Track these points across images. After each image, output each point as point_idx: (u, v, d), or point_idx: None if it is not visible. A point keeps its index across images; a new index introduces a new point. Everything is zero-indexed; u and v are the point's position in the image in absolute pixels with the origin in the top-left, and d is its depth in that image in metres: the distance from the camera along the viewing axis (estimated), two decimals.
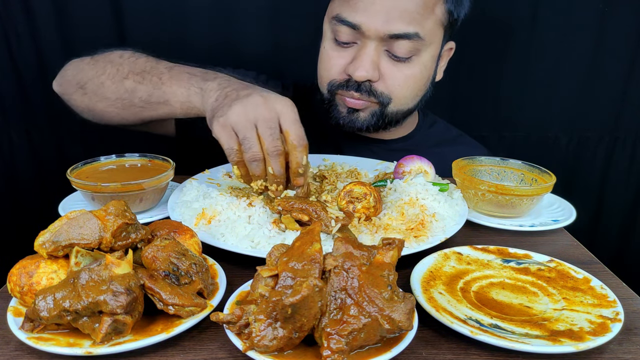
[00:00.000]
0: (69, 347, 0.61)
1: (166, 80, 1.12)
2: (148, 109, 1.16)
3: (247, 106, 0.93)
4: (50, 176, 1.78)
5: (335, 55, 1.26)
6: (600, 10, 1.73)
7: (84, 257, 0.66)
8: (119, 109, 1.20)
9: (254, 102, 0.93)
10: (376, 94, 1.25)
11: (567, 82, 1.83)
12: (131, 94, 1.16)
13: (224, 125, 0.94)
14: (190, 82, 1.09)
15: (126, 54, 1.22)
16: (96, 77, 1.20)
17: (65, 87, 1.27)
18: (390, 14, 1.16)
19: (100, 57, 1.24)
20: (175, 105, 1.11)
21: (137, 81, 1.15)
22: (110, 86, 1.18)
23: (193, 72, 1.11)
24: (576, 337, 0.66)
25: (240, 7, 1.67)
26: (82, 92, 1.22)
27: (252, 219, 0.92)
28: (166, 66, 1.15)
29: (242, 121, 0.92)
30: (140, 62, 1.18)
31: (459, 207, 1.01)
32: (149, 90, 1.13)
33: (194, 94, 1.07)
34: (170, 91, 1.10)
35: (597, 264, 0.92)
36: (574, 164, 1.96)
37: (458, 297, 0.75)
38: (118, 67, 1.19)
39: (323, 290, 0.58)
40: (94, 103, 1.22)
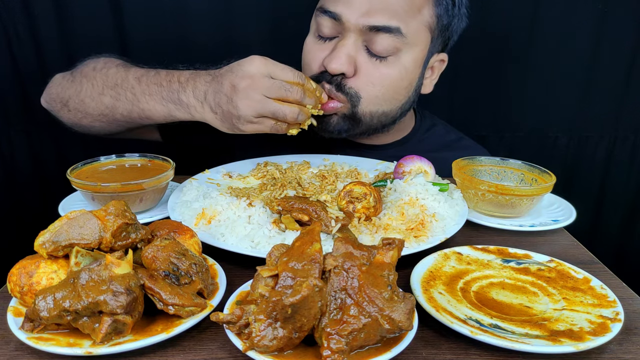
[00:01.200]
0: (69, 347, 0.61)
1: (139, 95, 1.14)
2: (132, 122, 1.20)
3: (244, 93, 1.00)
4: (50, 176, 1.78)
5: (316, 48, 1.23)
6: (600, 10, 1.73)
7: (84, 257, 0.66)
8: (104, 124, 1.24)
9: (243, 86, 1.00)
10: (345, 90, 1.18)
11: (567, 82, 1.83)
12: (112, 111, 1.18)
13: (250, 121, 1.02)
14: (162, 97, 1.11)
15: (99, 64, 1.23)
16: (75, 95, 1.22)
17: (51, 104, 1.29)
18: (373, 6, 1.14)
19: (77, 72, 1.25)
20: (158, 118, 1.15)
21: (113, 97, 1.17)
22: (90, 103, 1.20)
23: (159, 82, 1.12)
24: (576, 337, 0.66)
25: (240, 6, 1.67)
26: (67, 109, 1.25)
27: (252, 219, 0.92)
28: (135, 76, 1.16)
29: (256, 105, 1.00)
30: (111, 73, 1.19)
31: (459, 207, 1.01)
32: (127, 107, 1.16)
33: (174, 110, 1.11)
34: (148, 107, 1.13)
35: (597, 264, 0.92)
36: (574, 164, 1.96)
37: (458, 297, 0.75)
38: (92, 81, 1.20)
39: (323, 290, 0.58)
40: (79, 119, 1.25)
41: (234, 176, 1.18)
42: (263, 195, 1.05)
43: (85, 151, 1.64)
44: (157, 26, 1.66)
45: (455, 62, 1.76)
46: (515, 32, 1.77)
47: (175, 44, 1.68)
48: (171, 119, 1.13)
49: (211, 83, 1.05)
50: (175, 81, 1.11)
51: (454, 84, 1.83)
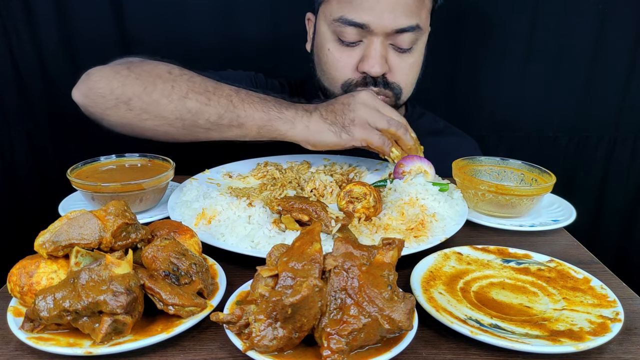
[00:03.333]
0: (69, 347, 0.61)
1: (238, 102, 1.10)
2: (214, 130, 1.12)
3: (365, 102, 1.10)
4: (50, 176, 1.78)
5: (344, 55, 1.28)
6: (600, 10, 1.73)
7: (84, 257, 0.66)
8: (176, 129, 1.13)
9: (364, 96, 1.11)
10: (391, 86, 1.30)
11: (567, 82, 1.83)
12: (195, 115, 1.10)
13: (363, 126, 1.08)
14: (268, 107, 1.11)
15: (174, 69, 1.15)
16: (145, 94, 1.10)
17: (95, 100, 1.14)
18: (395, 10, 1.20)
19: (140, 70, 1.14)
20: (251, 128, 1.10)
21: (201, 102, 1.09)
22: (168, 105, 1.10)
23: (263, 97, 1.13)
24: (576, 337, 0.66)
25: (241, 6, 1.67)
26: (126, 107, 1.12)
27: (252, 219, 0.92)
28: (231, 88, 1.13)
29: (373, 113, 1.09)
30: (197, 80, 1.13)
31: (459, 207, 1.01)
32: (219, 112, 1.09)
33: (275, 119, 1.09)
34: (246, 114, 1.09)
35: (597, 264, 0.92)
36: (574, 164, 1.96)
37: (458, 297, 0.75)
38: (172, 84, 1.11)
39: (323, 290, 0.58)
40: (141, 120, 1.13)
41: (234, 176, 1.18)
42: (263, 195, 1.05)
43: (85, 151, 1.65)
44: (158, 26, 1.66)
45: (455, 62, 1.76)
46: (515, 33, 1.77)
47: (176, 44, 1.68)
48: (265, 130, 1.10)
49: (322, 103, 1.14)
50: (283, 101, 1.13)
51: (454, 84, 1.83)
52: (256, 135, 1.11)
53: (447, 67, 1.46)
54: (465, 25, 1.69)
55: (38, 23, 1.61)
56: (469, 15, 1.72)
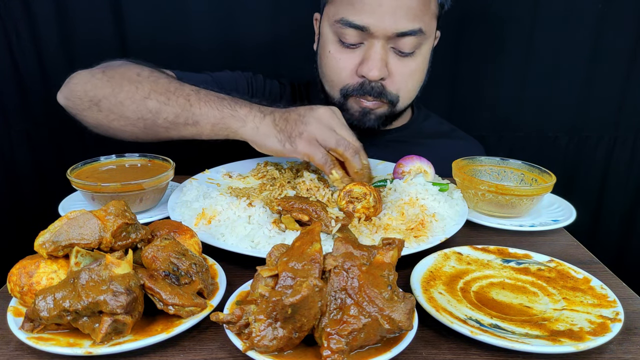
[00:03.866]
0: (69, 347, 0.61)
1: (194, 101, 1.11)
2: (172, 129, 1.14)
3: (320, 117, 1.04)
4: (50, 176, 1.78)
5: (344, 57, 1.28)
6: (600, 10, 1.73)
7: (84, 257, 0.66)
8: (139, 129, 1.17)
9: (322, 113, 1.05)
10: (387, 95, 1.29)
11: (567, 82, 1.83)
12: (155, 115, 1.13)
13: (309, 140, 1.03)
14: (222, 104, 1.10)
15: (144, 72, 1.18)
16: (113, 95, 1.15)
17: (74, 102, 1.20)
18: (397, 14, 1.19)
19: (113, 73, 1.19)
20: (205, 126, 1.11)
21: (161, 102, 1.12)
22: (130, 105, 1.14)
23: (221, 96, 1.13)
24: (576, 337, 0.66)
25: (241, 9, 1.67)
26: (97, 109, 1.17)
27: (252, 219, 0.92)
28: (192, 88, 1.14)
29: (324, 131, 1.03)
30: (162, 82, 1.16)
31: (459, 207, 1.01)
32: (176, 111, 1.11)
33: (228, 117, 1.09)
34: (201, 112, 1.10)
35: (597, 264, 0.92)
36: (574, 164, 1.96)
37: (458, 297, 0.75)
38: (137, 85, 1.15)
39: (323, 290, 0.58)
40: (109, 121, 1.18)
41: (234, 176, 1.18)
42: (263, 195, 1.05)
43: (85, 151, 1.65)
44: (158, 27, 1.66)
45: (455, 62, 1.76)
46: (514, 33, 1.77)
47: (175, 44, 1.68)
48: (218, 127, 1.10)
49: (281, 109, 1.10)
50: (240, 100, 1.12)
51: (454, 84, 1.83)
52: (210, 133, 1.12)
53: (448, 67, 1.47)
54: (466, 26, 1.69)
55: (38, 23, 1.61)
56: (469, 16, 1.72)
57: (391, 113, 1.34)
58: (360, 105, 1.31)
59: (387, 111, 1.33)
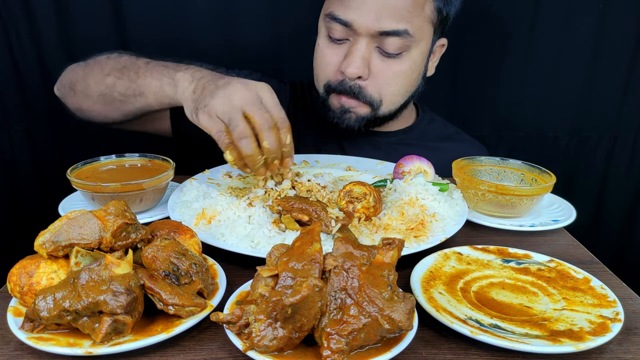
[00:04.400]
0: (69, 347, 0.61)
1: (142, 73, 1.16)
2: (126, 102, 1.21)
3: (230, 93, 0.96)
4: (50, 176, 1.78)
5: (329, 52, 1.28)
6: (600, 10, 1.73)
7: (84, 257, 0.66)
8: (101, 105, 1.25)
9: (235, 88, 0.97)
10: (364, 96, 1.27)
11: (567, 82, 1.83)
12: (111, 89, 1.21)
13: (210, 115, 0.97)
14: (162, 74, 1.13)
15: (114, 54, 1.26)
16: (83, 78, 1.26)
17: (60, 90, 1.33)
18: (381, 12, 1.19)
19: (91, 60, 1.28)
20: (149, 96, 1.16)
21: (116, 77, 1.20)
22: (93, 85, 1.23)
23: (166, 65, 1.15)
24: (576, 337, 0.66)
25: (241, 6, 1.67)
26: (72, 93, 1.29)
27: (252, 219, 0.92)
28: (144, 61, 1.19)
29: (226, 106, 0.95)
30: (122, 59, 1.23)
31: (459, 207, 1.01)
32: (126, 84, 1.18)
33: (166, 84, 1.11)
34: (144, 83, 1.15)
35: (597, 264, 0.92)
36: (574, 164, 1.96)
37: (458, 297, 0.75)
38: (102, 66, 1.23)
39: (323, 290, 0.58)
40: (80, 102, 1.29)
41: (233, 176, 1.18)
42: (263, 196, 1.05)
43: (85, 151, 1.65)
44: (158, 26, 1.66)
45: (455, 62, 1.76)
46: (515, 32, 1.77)
47: (175, 44, 1.68)
48: (160, 96, 1.13)
49: (214, 74, 1.06)
50: (184, 66, 1.12)
51: (454, 84, 1.83)
52: (155, 102, 1.16)
53: (448, 67, 1.46)
54: (466, 26, 1.68)
55: (38, 23, 1.61)
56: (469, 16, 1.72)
57: (373, 116, 1.31)
58: (340, 102, 1.30)
59: (369, 114, 1.30)
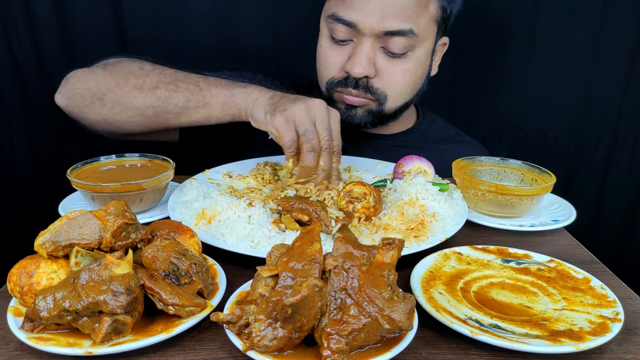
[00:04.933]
0: (69, 347, 0.61)
1: (204, 86, 1.17)
2: (182, 114, 1.19)
3: (311, 105, 1.03)
4: (50, 176, 1.78)
5: (333, 53, 1.28)
6: (600, 10, 1.73)
7: (84, 257, 0.66)
8: (147, 118, 1.20)
9: (316, 103, 1.04)
10: (372, 91, 1.27)
11: (567, 82, 1.83)
12: (165, 102, 1.18)
13: (287, 119, 1.02)
14: (232, 85, 1.16)
15: (146, 65, 1.23)
16: (118, 88, 1.19)
17: (76, 100, 1.21)
18: (385, 12, 1.18)
19: (114, 69, 1.22)
20: (215, 106, 1.16)
21: (170, 90, 1.18)
22: (139, 95, 1.18)
23: (230, 81, 1.18)
24: (576, 337, 0.66)
25: (241, 7, 1.67)
26: (100, 103, 1.20)
27: (252, 219, 0.92)
28: (199, 76, 1.20)
29: (305, 116, 1.02)
30: (168, 73, 1.21)
31: (459, 207, 1.01)
32: (186, 96, 1.17)
33: (238, 94, 1.14)
34: (211, 94, 1.16)
35: (597, 264, 0.92)
36: (574, 164, 1.96)
37: (458, 297, 0.75)
38: (144, 78, 1.19)
39: (323, 290, 0.58)
40: (115, 114, 1.20)
41: (234, 176, 1.18)
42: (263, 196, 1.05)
43: (85, 151, 1.64)
44: (158, 26, 1.66)
45: (455, 62, 1.76)
46: (515, 32, 1.77)
47: (175, 45, 1.68)
48: (228, 106, 1.15)
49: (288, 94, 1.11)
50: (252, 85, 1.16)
51: (454, 84, 1.83)
52: (220, 113, 1.17)
53: (448, 67, 1.46)
54: (467, 26, 1.68)
55: (38, 23, 1.61)
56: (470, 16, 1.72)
57: (379, 111, 1.31)
58: (344, 101, 1.30)
59: (375, 109, 1.30)
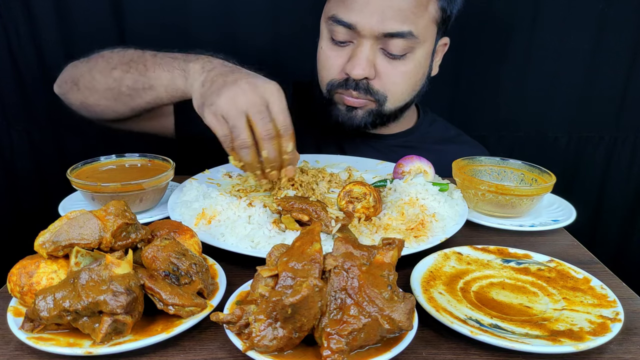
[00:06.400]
0: (69, 347, 0.61)
1: (150, 66, 1.15)
2: (135, 96, 1.19)
3: (236, 93, 0.94)
4: (50, 176, 1.78)
5: (333, 54, 1.28)
6: (600, 10, 1.73)
7: (84, 257, 0.66)
8: (108, 100, 1.23)
9: (242, 88, 0.95)
10: (372, 92, 1.27)
11: (567, 82, 1.83)
12: (119, 83, 1.19)
13: (215, 114, 0.96)
14: (173, 65, 1.11)
15: (117, 48, 1.26)
16: (87, 72, 1.24)
17: (62, 86, 1.31)
18: (385, 14, 1.18)
19: (94, 55, 1.27)
20: (159, 89, 1.14)
21: (124, 70, 1.18)
22: (100, 79, 1.22)
23: (175, 56, 1.14)
24: (576, 337, 0.66)
25: (241, 5, 1.67)
26: (76, 88, 1.26)
27: (252, 219, 0.92)
28: (151, 54, 1.19)
29: (232, 109, 0.94)
30: (128, 53, 1.22)
31: (459, 207, 1.01)
32: (135, 77, 1.16)
33: (177, 77, 1.10)
34: (154, 76, 1.13)
35: (597, 264, 0.92)
36: (574, 164, 1.96)
37: (458, 297, 0.75)
38: (108, 60, 1.23)
39: (323, 290, 0.58)
40: (85, 97, 1.26)
41: (233, 176, 1.18)
42: (263, 196, 1.05)
43: (85, 151, 1.64)
44: (158, 26, 1.66)
45: (455, 62, 1.76)
46: (515, 32, 1.77)
47: (175, 45, 1.67)
48: (171, 89, 1.12)
49: (225, 67, 1.04)
50: (194, 56, 1.11)
51: (454, 84, 1.83)
52: (166, 95, 1.14)
53: (449, 66, 1.46)
54: (467, 25, 1.68)
55: (38, 23, 1.61)
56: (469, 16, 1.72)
57: (379, 112, 1.31)
58: (344, 102, 1.29)
59: (375, 109, 1.30)
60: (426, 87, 1.39)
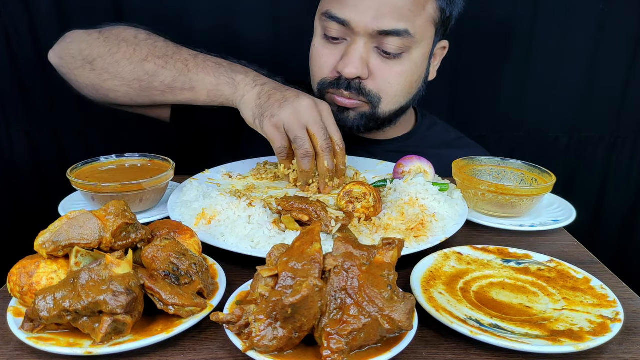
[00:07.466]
0: (69, 347, 0.61)
1: (192, 67, 1.15)
2: (168, 93, 1.18)
3: (298, 108, 1.02)
4: (50, 176, 1.78)
5: (326, 52, 1.25)
6: (600, 10, 1.73)
7: (84, 257, 0.66)
8: (134, 90, 1.20)
9: (304, 104, 1.03)
10: (365, 93, 1.23)
11: (567, 82, 1.83)
12: (152, 77, 1.17)
13: (276, 125, 1.03)
14: (219, 72, 1.13)
15: (141, 34, 1.22)
16: (109, 55, 1.18)
17: (66, 60, 1.23)
18: (380, 10, 1.15)
19: (109, 34, 1.22)
20: (201, 92, 1.15)
21: (159, 65, 1.16)
22: (127, 66, 1.18)
23: (219, 62, 1.15)
24: (576, 337, 0.66)
25: (241, 4, 1.67)
26: (90, 67, 1.20)
27: (252, 219, 0.92)
28: (190, 53, 1.18)
29: (294, 122, 1.02)
30: (159, 45, 1.20)
31: (459, 207, 1.01)
32: (173, 75, 1.15)
33: (224, 84, 1.12)
34: (198, 78, 1.14)
35: (597, 264, 0.92)
36: (574, 164, 1.96)
37: (458, 297, 0.75)
38: (135, 47, 1.18)
39: (323, 290, 0.58)
40: (102, 81, 1.21)
41: (234, 176, 1.18)
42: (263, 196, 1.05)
43: (85, 151, 1.65)
44: (159, 27, 1.65)
45: (455, 62, 1.76)
46: (515, 32, 1.78)
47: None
48: (214, 94, 1.13)
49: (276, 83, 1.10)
50: (240, 67, 1.14)
51: (454, 84, 1.83)
52: (206, 99, 1.15)
53: (448, 66, 1.46)
54: (466, 26, 1.69)
55: (38, 22, 1.61)
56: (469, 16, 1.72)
57: (372, 115, 1.26)
58: (335, 102, 1.25)
59: (368, 112, 1.26)
60: (423, 92, 1.36)
